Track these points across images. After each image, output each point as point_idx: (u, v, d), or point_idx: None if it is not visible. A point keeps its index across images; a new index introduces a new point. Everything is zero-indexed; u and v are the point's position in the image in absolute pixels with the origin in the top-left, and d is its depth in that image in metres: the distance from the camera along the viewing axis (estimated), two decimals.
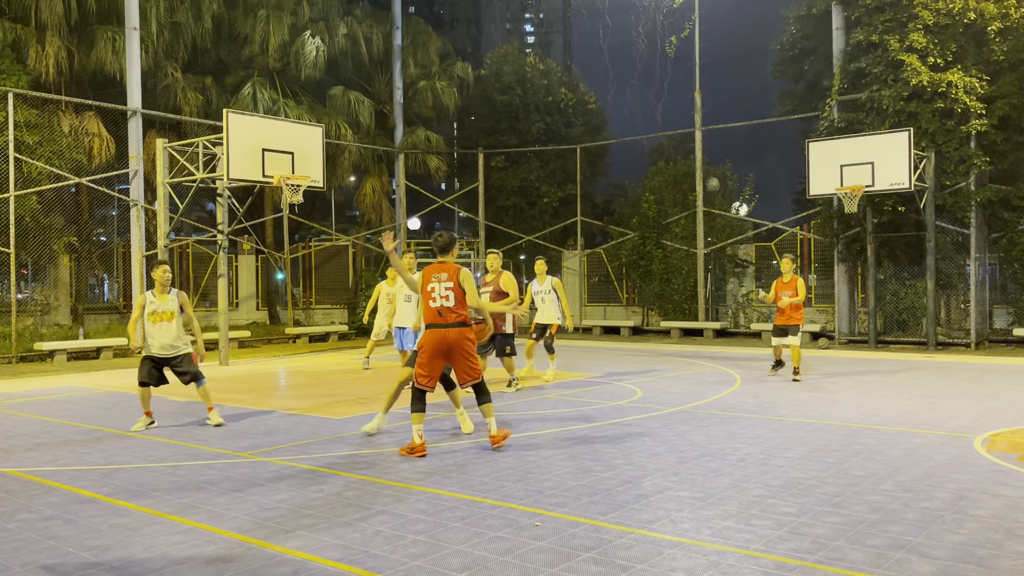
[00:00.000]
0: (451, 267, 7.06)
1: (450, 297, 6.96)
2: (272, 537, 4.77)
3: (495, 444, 7.09)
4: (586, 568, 4.18)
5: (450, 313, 6.96)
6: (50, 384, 12.79)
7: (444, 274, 7.02)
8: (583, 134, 26.21)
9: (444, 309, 6.96)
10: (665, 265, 22.25)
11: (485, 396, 7.18)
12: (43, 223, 18.02)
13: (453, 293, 6.96)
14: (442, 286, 6.99)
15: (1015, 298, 18.05)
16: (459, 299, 6.98)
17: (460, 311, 6.99)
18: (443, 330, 6.97)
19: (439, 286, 7.00)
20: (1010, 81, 16.87)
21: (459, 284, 6.98)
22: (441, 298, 6.97)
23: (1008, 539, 4.57)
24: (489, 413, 7.18)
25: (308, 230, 29.05)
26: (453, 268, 7.05)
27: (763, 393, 10.55)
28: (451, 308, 6.96)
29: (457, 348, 7.01)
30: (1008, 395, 10.21)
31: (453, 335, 6.98)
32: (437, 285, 7.00)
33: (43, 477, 6.40)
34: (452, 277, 6.99)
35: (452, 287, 6.96)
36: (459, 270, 7.03)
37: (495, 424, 7.19)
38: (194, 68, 22.55)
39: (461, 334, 7.01)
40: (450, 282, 6.98)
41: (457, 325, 6.99)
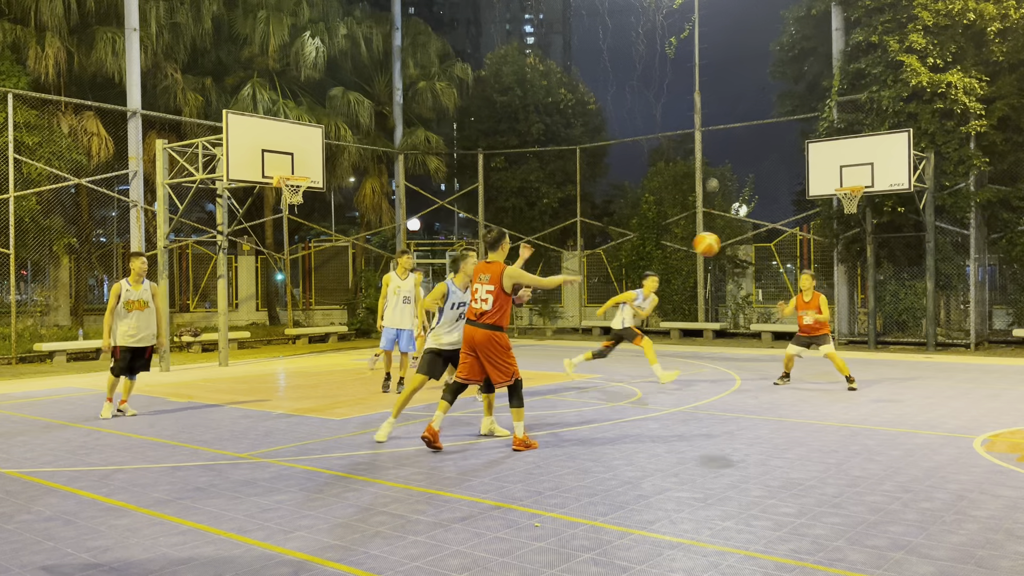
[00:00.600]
0: (496, 267, 6.92)
1: (489, 300, 6.86)
2: (272, 538, 4.76)
3: (516, 447, 7.04)
4: (586, 569, 4.18)
5: (484, 315, 6.90)
6: (50, 385, 12.79)
7: (488, 275, 6.94)
8: (583, 135, 26.22)
9: (480, 311, 6.93)
10: (665, 266, 22.26)
11: (517, 400, 7.09)
12: (43, 224, 18.03)
13: (492, 296, 6.86)
14: (484, 288, 6.92)
15: (1015, 299, 18.05)
16: (499, 302, 6.88)
17: (495, 316, 6.90)
18: (472, 328, 6.98)
19: (481, 288, 6.95)
20: (1009, 82, 16.88)
21: (501, 286, 6.87)
22: (481, 300, 6.92)
23: (1008, 540, 4.57)
24: (518, 417, 7.09)
25: (308, 231, 29.07)
26: (498, 269, 6.90)
27: (763, 394, 10.55)
28: (487, 312, 6.89)
29: (483, 350, 6.93)
30: (1008, 396, 10.21)
31: (479, 336, 6.92)
32: (480, 287, 6.96)
33: (42, 478, 6.39)
34: (495, 279, 6.88)
35: (493, 290, 6.86)
36: (503, 270, 6.89)
37: (521, 428, 7.10)
38: (194, 69, 22.56)
39: (488, 337, 6.91)
40: (491, 284, 6.88)
41: (487, 327, 6.91)
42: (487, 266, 7.00)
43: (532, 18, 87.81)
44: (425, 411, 9.38)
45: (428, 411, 9.35)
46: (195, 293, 23.30)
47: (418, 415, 9.11)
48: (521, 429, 7.07)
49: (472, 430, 8.18)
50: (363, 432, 8.12)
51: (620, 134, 51.09)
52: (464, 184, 26.87)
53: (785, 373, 11.55)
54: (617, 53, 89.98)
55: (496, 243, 7.06)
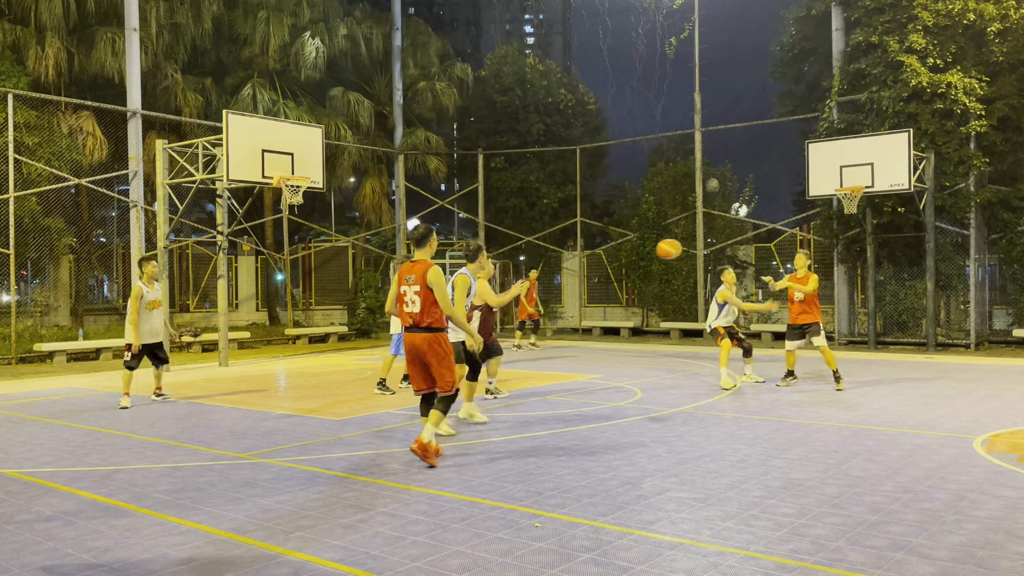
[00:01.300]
0: (422, 266, 6.52)
1: (416, 302, 6.47)
2: (272, 538, 4.76)
3: (415, 448, 6.48)
4: (586, 569, 4.18)
5: (417, 319, 6.50)
6: (50, 385, 12.79)
7: (413, 275, 6.51)
8: (583, 135, 26.23)
9: (412, 314, 6.52)
10: (665, 266, 22.25)
11: (444, 406, 6.64)
12: (43, 224, 18.03)
13: (420, 298, 6.46)
14: (411, 290, 6.52)
15: (1015, 299, 18.05)
16: (426, 303, 6.46)
17: (429, 316, 6.47)
18: (411, 335, 6.56)
19: (408, 290, 6.54)
20: (1009, 82, 16.88)
21: (426, 286, 6.45)
22: (410, 303, 6.52)
23: (1008, 540, 4.57)
24: (435, 421, 6.58)
25: (308, 231, 29.07)
26: (423, 268, 6.49)
27: (763, 394, 10.55)
28: (416, 314, 6.49)
29: (425, 355, 6.52)
30: (1008, 396, 10.21)
31: (419, 341, 6.52)
32: (407, 289, 6.55)
33: (42, 478, 6.39)
34: (419, 280, 6.47)
35: (419, 291, 6.47)
36: (427, 270, 6.46)
37: (430, 433, 6.51)
38: (194, 69, 22.57)
39: (431, 340, 6.50)
40: (417, 285, 6.48)
41: (424, 330, 6.49)
42: (412, 266, 6.59)
43: (532, 18, 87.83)
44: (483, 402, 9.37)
45: (484, 401, 9.35)
46: (195, 293, 23.31)
47: (414, 416, 9.11)
48: (431, 434, 6.51)
49: (473, 430, 8.18)
50: (363, 432, 8.12)
51: (620, 134, 51.13)
52: (464, 184, 26.87)
53: (789, 371, 11.37)
54: (617, 53, 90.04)
55: (423, 240, 6.67)
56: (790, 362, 11.31)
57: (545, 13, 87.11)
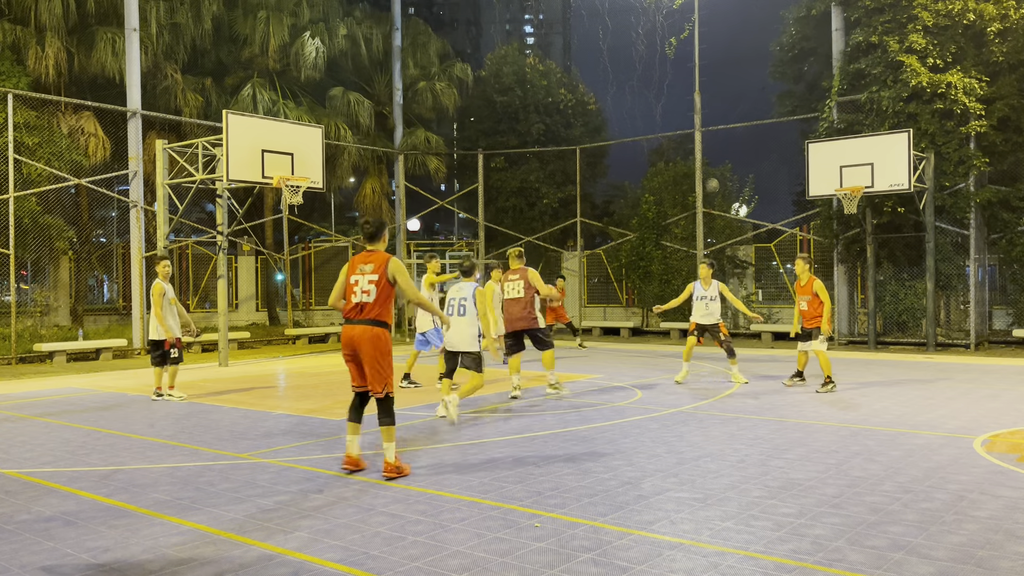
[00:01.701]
0: (379, 257, 6.29)
1: (371, 292, 6.20)
2: (272, 538, 4.76)
3: (386, 473, 6.18)
4: (586, 569, 4.18)
5: (366, 309, 6.21)
6: (49, 385, 12.79)
7: (370, 264, 6.27)
8: (583, 135, 26.22)
9: (362, 304, 6.22)
10: (665, 266, 22.25)
11: (388, 417, 6.25)
12: (42, 224, 18.03)
13: (376, 287, 6.20)
14: (365, 279, 6.24)
15: (1014, 299, 18.04)
16: (381, 295, 6.22)
17: (379, 308, 6.21)
18: (351, 327, 6.24)
19: (362, 279, 6.25)
20: (1009, 82, 16.88)
21: (385, 277, 6.22)
22: (362, 292, 6.23)
23: (1008, 540, 4.57)
24: (389, 437, 6.24)
25: (308, 231, 29.08)
26: (381, 258, 6.28)
27: (763, 394, 10.55)
28: (369, 304, 6.21)
29: (363, 349, 6.20)
30: (1008, 396, 10.21)
31: (358, 333, 6.19)
32: (361, 278, 6.26)
33: (42, 478, 6.39)
34: (379, 269, 6.24)
35: (376, 280, 6.22)
36: (388, 260, 6.25)
37: (393, 451, 6.24)
38: (194, 69, 22.57)
39: (373, 335, 6.18)
40: (374, 274, 6.23)
41: (368, 323, 6.19)
42: (369, 255, 6.32)
43: (532, 18, 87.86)
44: (483, 402, 9.38)
45: (469, 404, 9.35)
46: (195, 293, 23.31)
47: (414, 416, 9.11)
48: (392, 452, 6.23)
49: (471, 431, 8.18)
50: (363, 432, 8.10)
51: (620, 134, 51.13)
52: (464, 184, 26.88)
53: (798, 372, 11.35)
54: (617, 53, 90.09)
55: (376, 235, 6.40)
56: (800, 363, 11.34)
57: (545, 13, 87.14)
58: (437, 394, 10.75)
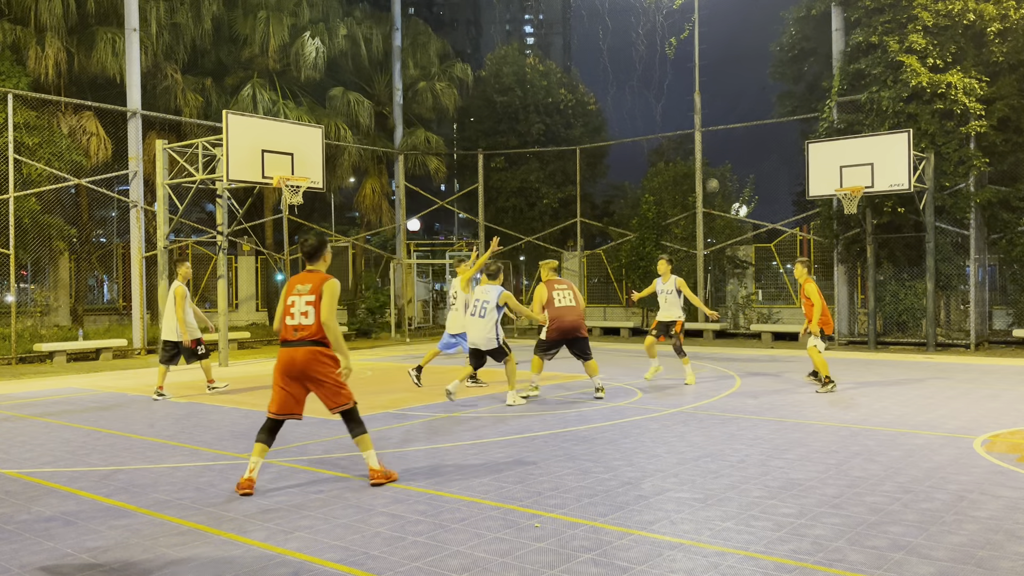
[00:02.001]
0: (318, 277, 6.06)
1: (309, 313, 5.97)
2: (272, 538, 4.76)
3: (375, 480, 6.02)
4: (586, 569, 4.18)
5: (306, 331, 5.96)
6: (49, 385, 12.79)
7: (308, 285, 6.03)
8: (583, 135, 26.23)
9: (300, 327, 5.99)
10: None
11: (358, 427, 6.09)
12: (42, 223, 18.03)
13: (314, 308, 5.96)
14: (303, 300, 6.01)
15: (1014, 299, 18.05)
16: (319, 316, 5.97)
17: (319, 331, 5.96)
18: (292, 350, 5.99)
19: (299, 300, 6.02)
20: (1009, 82, 16.88)
21: (320, 298, 5.97)
22: (300, 314, 5.99)
23: (1008, 540, 4.57)
24: (366, 446, 6.08)
25: (308, 231, 29.06)
26: (320, 279, 6.03)
27: (763, 394, 10.55)
28: (307, 326, 5.96)
29: (310, 372, 5.97)
30: (1008, 396, 10.21)
31: (301, 356, 5.95)
32: (298, 299, 6.02)
33: (42, 478, 6.39)
34: (316, 290, 6.00)
35: (314, 301, 5.97)
36: (324, 282, 6.01)
37: (375, 458, 6.09)
38: (194, 69, 22.57)
39: (314, 355, 5.96)
40: (312, 295, 5.99)
41: (308, 344, 5.95)
42: (308, 276, 6.10)
43: (532, 18, 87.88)
44: (483, 401, 9.38)
45: (469, 404, 9.36)
46: (195, 293, 23.30)
47: (414, 416, 9.11)
48: (375, 458, 6.08)
49: (471, 431, 8.18)
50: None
51: (620, 134, 51.14)
52: (464, 184, 26.88)
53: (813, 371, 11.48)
54: (617, 53, 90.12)
55: (315, 254, 6.19)
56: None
57: (545, 13, 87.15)
58: (436, 395, 10.76)
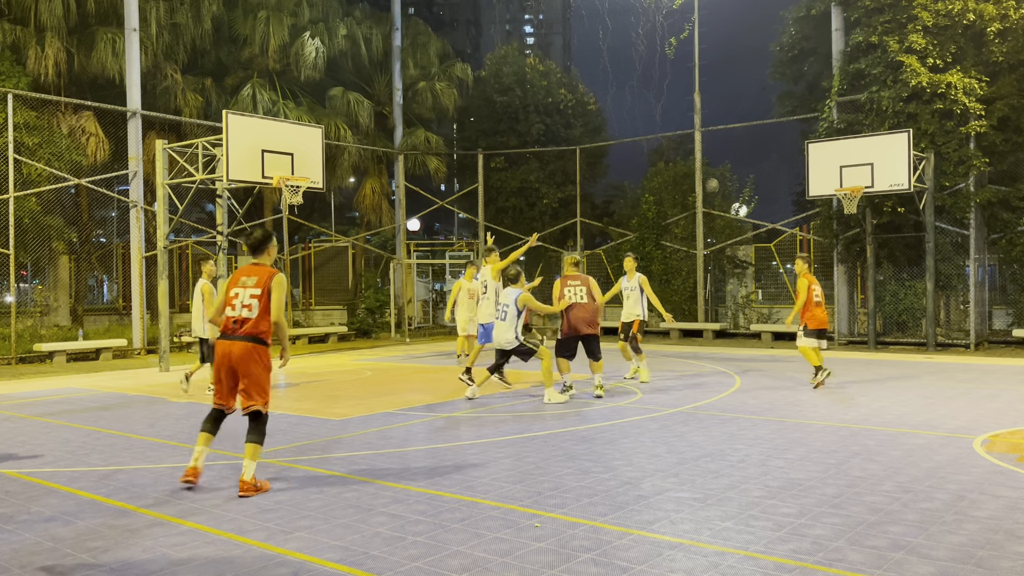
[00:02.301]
0: (264, 271, 6.04)
1: (253, 307, 5.93)
2: (271, 538, 4.76)
3: (243, 492, 5.78)
4: (586, 569, 4.18)
5: (247, 324, 5.94)
6: (49, 385, 12.79)
7: (254, 279, 6.00)
8: (583, 135, 26.22)
9: (242, 319, 5.95)
10: (665, 266, 22.26)
11: (259, 435, 5.99)
12: (42, 223, 18.02)
13: (258, 302, 5.93)
14: (247, 292, 5.97)
15: (1014, 299, 18.05)
16: (263, 311, 5.95)
17: (261, 324, 5.95)
18: (229, 343, 5.94)
19: (243, 292, 5.98)
20: (1009, 82, 16.88)
21: (267, 293, 5.95)
22: (243, 307, 5.95)
23: (1008, 540, 4.57)
24: (254, 455, 5.92)
25: (308, 231, 29.07)
26: (266, 272, 6.02)
27: (763, 394, 10.55)
28: (250, 320, 5.93)
29: (243, 367, 5.93)
30: (1008, 396, 10.21)
31: (238, 350, 5.91)
32: (242, 291, 5.99)
33: (42, 478, 6.39)
34: (262, 283, 5.97)
35: (259, 295, 5.94)
36: (272, 276, 5.99)
37: (252, 469, 5.87)
38: (194, 69, 22.57)
39: (250, 351, 5.92)
40: (257, 288, 5.96)
41: (247, 339, 5.92)
42: (254, 268, 6.07)
43: (532, 18, 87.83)
44: (483, 401, 9.38)
45: (485, 401, 9.36)
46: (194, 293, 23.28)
47: (414, 416, 9.11)
48: (252, 470, 5.87)
49: (471, 431, 8.18)
50: (363, 432, 8.12)
51: (620, 134, 51.10)
52: (464, 184, 26.87)
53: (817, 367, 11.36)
54: (617, 53, 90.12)
55: (260, 247, 6.15)
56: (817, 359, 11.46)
57: (545, 13, 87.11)
58: (436, 395, 10.76)
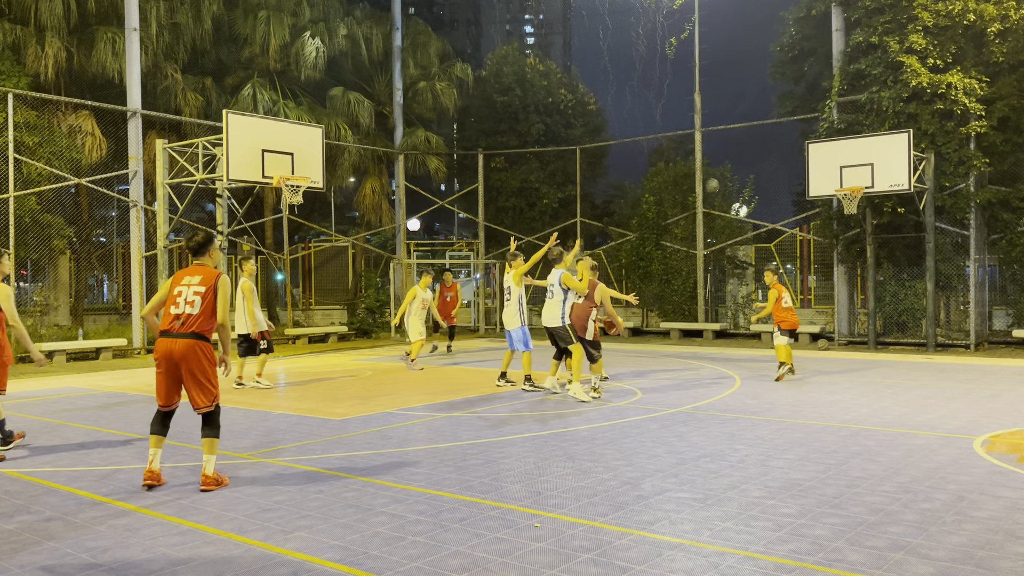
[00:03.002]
0: (209, 271, 6.17)
1: (196, 303, 6.03)
2: (271, 538, 4.76)
3: (204, 487, 5.92)
4: (585, 569, 4.18)
5: (189, 321, 6.02)
6: (49, 385, 12.78)
7: (198, 277, 6.14)
8: (583, 135, 26.22)
9: (184, 316, 6.03)
10: (665, 266, 22.26)
11: (214, 430, 6.11)
12: (42, 222, 18.02)
13: (201, 299, 6.04)
14: (191, 290, 6.08)
15: (1014, 299, 18.05)
16: (206, 308, 6.05)
17: (202, 321, 6.04)
18: (171, 340, 6.00)
19: (187, 290, 6.08)
20: (1009, 82, 16.88)
21: (212, 291, 6.07)
22: (186, 303, 6.04)
23: (1008, 540, 4.57)
24: (211, 450, 6.04)
25: (308, 231, 29.08)
26: (211, 273, 6.15)
27: (762, 394, 10.55)
28: (192, 316, 6.02)
29: (184, 364, 6.00)
30: (1008, 396, 10.21)
31: (180, 347, 5.98)
32: (185, 289, 6.09)
33: (42, 478, 6.39)
34: (207, 282, 6.09)
35: (203, 292, 6.05)
36: (218, 276, 6.12)
37: (212, 464, 6.02)
38: (194, 69, 22.57)
39: (192, 348, 6.00)
40: (202, 286, 6.07)
41: (189, 336, 6.00)
42: (198, 268, 6.19)
43: (532, 18, 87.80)
44: (483, 401, 9.39)
45: (469, 404, 9.36)
46: None
47: (414, 416, 9.11)
48: (212, 464, 6.01)
49: (471, 431, 8.18)
50: (363, 432, 8.12)
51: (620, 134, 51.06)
52: (464, 184, 26.87)
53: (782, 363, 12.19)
54: (617, 53, 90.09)
55: (201, 249, 6.25)
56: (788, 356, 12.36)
57: (545, 13, 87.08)
58: (436, 396, 10.75)
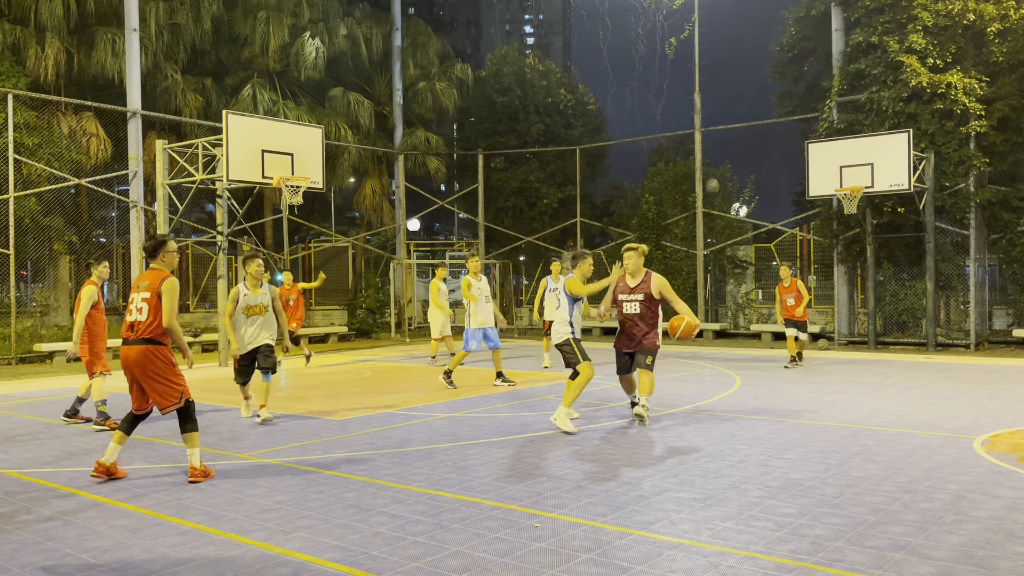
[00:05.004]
0: (156, 275, 6.16)
1: (144, 310, 6.07)
2: (271, 538, 4.76)
3: (192, 478, 6.11)
4: (586, 569, 4.18)
5: (139, 328, 6.08)
6: (49, 385, 12.79)
7: (145, 283, 6.15)
8: (582, 135, 26.22)
9: (135, 323, 6.10)
10: (665, 266, 22.24)
11: (191, 424, 6.20)
12: (42, 223, 18.02)
13: (148, 305, 6.06)
14: (139, 297, 6.12)
15: (1014, 299, 18.05)
16: (154, 313, 6.07)
17: (152, 327, 6.07)
18: (126, 348, 6.11)
19: (136, 297, 6.13)
20: (1009, 82, 16.88)
21: (156, 296, 6.07)
22: (136, 311, 6.11)
23: (1008, 540, 4.57)
24: (193, 443, 6.17)
25: (308, 231, 29.09)
26: (158, 277, 6.14)
27: (763, 394, 10.55)
28: (141, 323, 6.07)
29: (139, 369, 6.10)
30: (1008, 396, 10.21)
31: (133, 354, 6.06)
32: (135, 296, 6.14)
33: (42, 478, 6.39)
34: (152, 287, 6.10)
35: (149, 298, 6.07)
36: (163, 280, 6.13)
37: (198, 457, 6.18)
38: (194, 69, 22.57)
39: (144, 353, 6.05)
40: (148, 292, 6.09)
41: (141, 342, 6.05)
42: (149, 273, 6.21)
43: (532, 18, 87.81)
44: (483, 401, 9.39)
45: (485, 401, 9.36)
46: (195, 293, 23.29)
47: (414, 416, 9.11)
48: (198, 457, 6.17)
49: (472, 431, 8.18)
50: (363, 432, 8.12)
51: (620, 134, 51.09)
52: (464, 184, 26.88)
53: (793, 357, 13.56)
54: (617, 53, 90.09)
55: (155, 252, 6.27)
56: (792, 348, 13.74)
57: (545, 13, 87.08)
58: (436, 395, 10.75)
